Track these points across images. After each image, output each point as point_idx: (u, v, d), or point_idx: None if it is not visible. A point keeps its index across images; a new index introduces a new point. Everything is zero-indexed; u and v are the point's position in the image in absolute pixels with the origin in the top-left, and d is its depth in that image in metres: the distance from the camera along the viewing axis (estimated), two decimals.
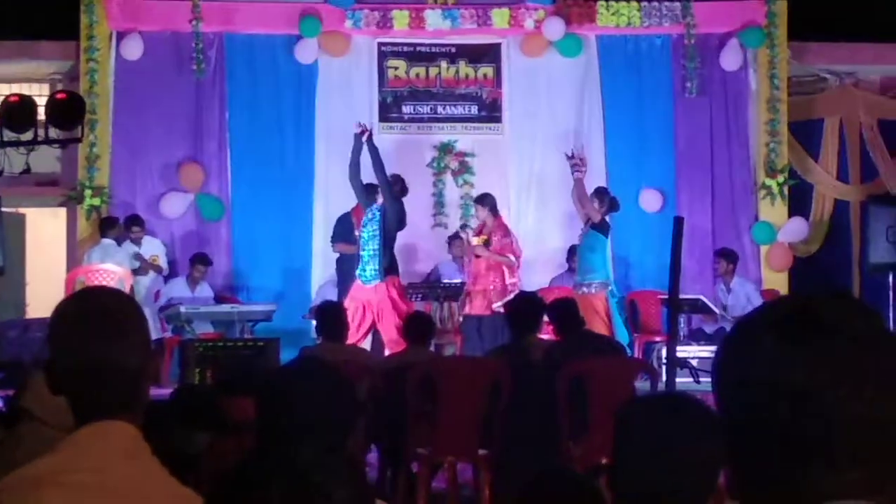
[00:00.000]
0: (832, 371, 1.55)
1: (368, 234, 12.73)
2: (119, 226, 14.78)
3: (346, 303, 12.08)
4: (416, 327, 9.60)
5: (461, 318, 13.74)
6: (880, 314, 1.63)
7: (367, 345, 12.68)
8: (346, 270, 13.76)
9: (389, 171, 13.29)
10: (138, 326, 2.64)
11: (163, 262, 15.00)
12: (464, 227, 14.29)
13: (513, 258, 13.56)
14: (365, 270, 12.70)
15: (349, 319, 10.46)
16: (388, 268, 12.73)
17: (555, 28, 15.67)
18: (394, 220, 12.81)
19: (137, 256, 14.58)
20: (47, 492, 2.42)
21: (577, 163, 13.74)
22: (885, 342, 1.59)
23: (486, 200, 13.85)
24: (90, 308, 2.63)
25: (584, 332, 9.61)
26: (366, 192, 13.03)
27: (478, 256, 13.52)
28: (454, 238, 14.93)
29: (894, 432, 1.57)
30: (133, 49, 15.36)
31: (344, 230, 13.92)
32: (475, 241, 13.58)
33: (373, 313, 12.60)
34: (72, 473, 2.44)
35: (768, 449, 1.57)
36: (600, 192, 13.75)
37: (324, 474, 1.86)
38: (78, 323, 2.60)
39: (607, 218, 13.54)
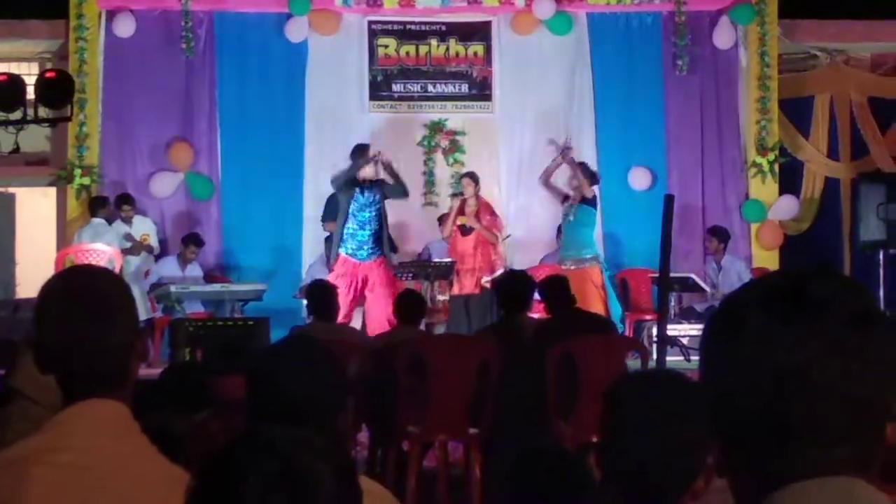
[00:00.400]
0: (820, 348, 1.54)
1: (367, 216, 12.79)
2: (109, 205, 14.75)
3: (334, 279, 12.10)
4: (408, 306, 9.59)
5: (447, 298, 13.71)
6: (868, 290, 1.62)
7: (357, 322, 12.70)
8: (335, 247, 13.81)
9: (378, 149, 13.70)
10: (125, 305, 2.62)
11: (154, 240, 14.96)
12: (454, 195, 14.41)
13: (499, 236, 13.82)
14: (362, 248, 12.76)
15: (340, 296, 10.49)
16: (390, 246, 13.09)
17: (545, 6, 15.64)
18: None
19: (128, 237, 14.55)
20: (34, 471, 2.41)
21: (569, 146, 13.96)
22: (872, 319, 1.58)
23: (475, 177, 14.05)
24: (76, 286, 2.62)
25: (575, 309, 9.62)
26: (346, 187, 13.07)
27: (465, 234, 13.70)
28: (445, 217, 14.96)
29: (881, 409, 1.57)
30: (125, 26, 15.31)
31: (334, 209, 13.89)
32: (462, 219, 13.75)
33: (360, 288, 12.72)
34: (59, 452, 2.43)
35: (756, 427, 1.57)
36: (584, 168, 13.93)
37: (308, 453, 1.86)
38: (63, 301, 2.58)
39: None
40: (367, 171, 12.88)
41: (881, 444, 1.58)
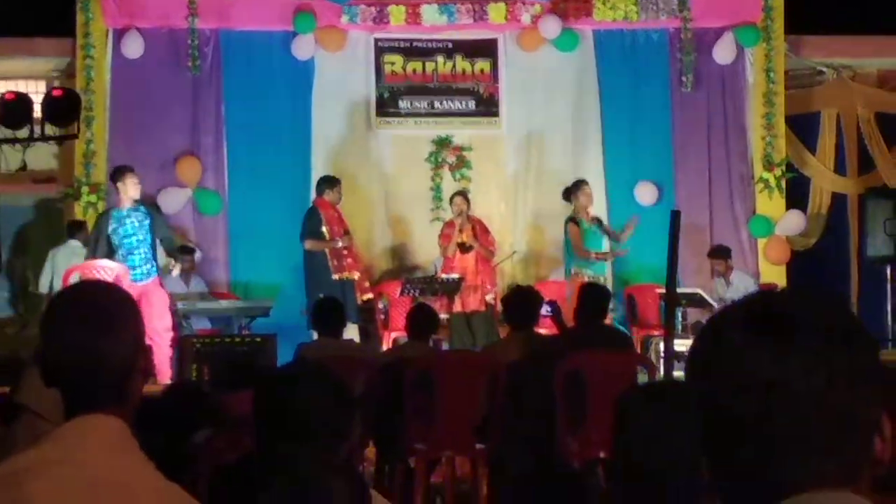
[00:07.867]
0: (803, 363, 1.56)
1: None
2: (86, 229, 14.62)
3: None
4: (419, 321, 9.52)
5: (448, 317, 13.55)
6: (847, 306, 1.64)
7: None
8: (315, 266, 13.82)
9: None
10: (130, 320, 2.61)
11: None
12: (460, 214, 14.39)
13: (495, 252, 14.30)
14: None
15: None
16: None
17: (551, 24, 15.65)
18: None
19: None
20: (32, 485, 2.40)
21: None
22: (851, 334, 1.60)
23: (467, 196, 14.23)
24: (81, 300, 2.62)
25: (597, 324, 9.40)
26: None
27: (464, 252, 13.79)
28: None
29: (867, 422, 1.58)
30: (134, 47, 15.33)
31: (315, 225, 13.95)
32: (462, 237, 13.84)
33: None
34: (57, 466, 2.42)
35: (743, 442, 1.59)
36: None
37: (324, 470, 1.87)
38: (68, 314, 2.58)
39: None
40: None
41: (868, 457, 1.59)
